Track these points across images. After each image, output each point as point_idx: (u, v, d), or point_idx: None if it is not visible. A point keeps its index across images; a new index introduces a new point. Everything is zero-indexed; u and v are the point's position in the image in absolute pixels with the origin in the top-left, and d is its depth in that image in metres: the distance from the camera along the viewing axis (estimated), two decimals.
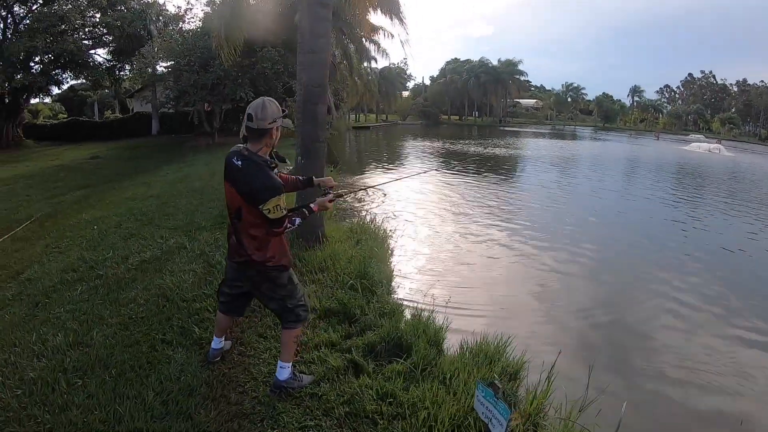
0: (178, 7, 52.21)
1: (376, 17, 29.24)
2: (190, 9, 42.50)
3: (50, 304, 5.66)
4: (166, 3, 59.15)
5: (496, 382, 2.99)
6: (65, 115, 52.64)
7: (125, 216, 10.17)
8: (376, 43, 36.63)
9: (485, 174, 21.16)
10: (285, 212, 3.28)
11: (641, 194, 17.37)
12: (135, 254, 7.20)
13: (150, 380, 3.80)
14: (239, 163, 3.28)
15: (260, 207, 3.18)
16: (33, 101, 42.34)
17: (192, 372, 3.90)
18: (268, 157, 3.36)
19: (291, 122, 15.08)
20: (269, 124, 3.26)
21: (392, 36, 32.98)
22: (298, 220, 3.47)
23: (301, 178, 3.94)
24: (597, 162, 29.28)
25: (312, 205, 3.62)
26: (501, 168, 24.11)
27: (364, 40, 34.03)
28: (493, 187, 17.35)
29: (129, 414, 3.39)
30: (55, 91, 40.64)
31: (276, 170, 3.48)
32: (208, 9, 29.05)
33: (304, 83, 7.07)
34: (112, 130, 37.15)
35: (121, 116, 44.10)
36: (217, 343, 4.14)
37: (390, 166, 24.23)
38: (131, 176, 17.89)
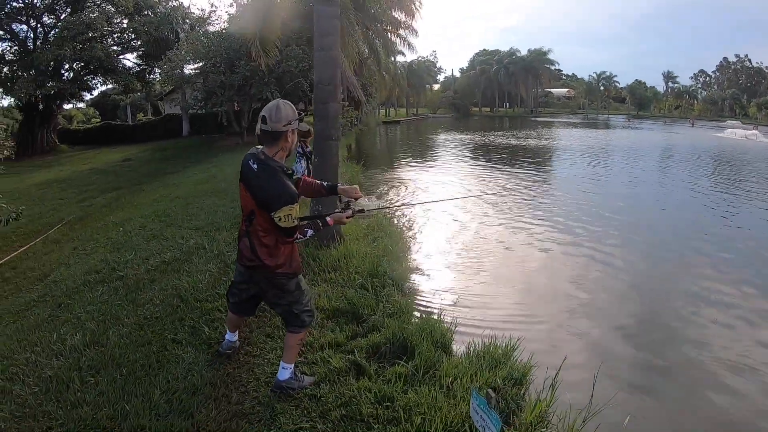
0: (202, 9, 53.17)
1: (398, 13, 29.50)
2: (214, 11, 43.11)
3: (72, 305, 5.86)
4: (191, 6, 60.17)
5: (489, 391, 2.94)
6: (98, 120, 54.07)
7: (150, 217, 10.41)
8: (402, 38, 36.65)
9: (517, 166, 20.98)
10: (296, 223, 3.22)
11: (674, 187, 16.63)
12: (155, 255, 7.35)
13: (158, 379, 3.90)
14: (255, 166, 3.26)
15: (272, 214, 3.16)
16: (66, 107, 43.60)
17: (198, 371, 3.98)
18: (283, 163, 3.33)
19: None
20: (284, 126, 3.22)
21: (416, 31, 33.00)
22: (310, 232, 3.43)
23: (325, 184, 3.88)
24: (631, 153, 28.37)
25: (328, 219, 3.55)
26: (533, 160, 23.78)
27: (389, 34, 34.07)
28: (523, 180, 17.10)
29: (135, 411, 3.48)
30: (87, 96, 41.82)
31: (302, 173, 3.49)
32: (231, 10, 29.41)
33: (316, 81, 7.13)
34: (144, 133, 38.00)
35: (152, 119, 45.06)
36: (231, 336, 4.22)
37: (420, 162, 24.03)
38: (160, 177, 18.32)
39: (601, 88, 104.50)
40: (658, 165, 23.41)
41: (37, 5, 30.66)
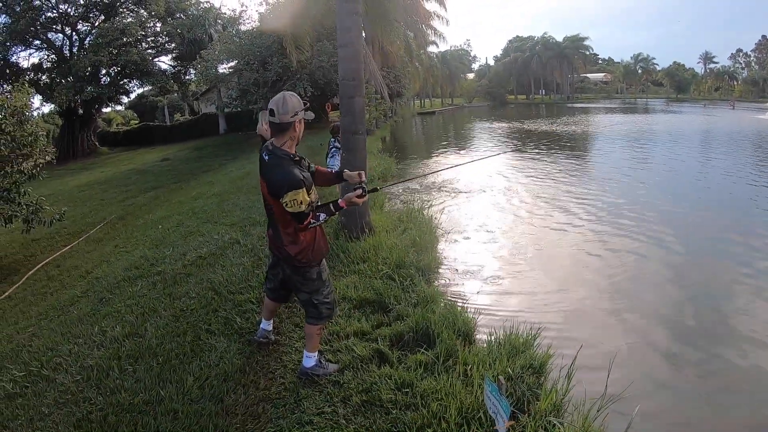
0: (233, 9, 53.94)
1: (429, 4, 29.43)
2: (245, 10, 43.79)
3: (113, 299, 6.17)
4: (222, 6, 60.97)
5: (501, 378, 2.99)
6: (137, 121, 55.51)
7: (187, 214, 10.74)
8: (433, 28, 36.53)
9: (553, 153, 20.87)
10: (303, 208, 3.32)
11: (713, 175, 15.75)
12: (192, 251, 7.61)
13: (191, 367, 4.12)
14: (267, 158, 3.43)
15: (280, 200, 3.30)
16: (105, 110, 44.89)
17: (229, 359, 4.17)
18: (292, 152, 3.46)
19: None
20: (291, 117, 3.34)
21: (447, 20, 32.85)
22: (323, 216, 3.55)
23: (334, 171, 4.01)
24: (670, 138, 27.26)
25: (339, 201, 3.65)
26: (569, 146, 23.60)
27: (421, 25, 33.96)
28: (558, 167, 16.86)
29: (169, 396, 3.71)
30: (125, 99, 42.99)
31: (306, 162, 3.62)
32: (261, 9, 29.82)
33: (340, 77, 7.25)
34: (182, 132, 39.08)
35: (189, 118, 46.07)
36: (266, 324, 4.38)
37: (455, 152, 23.92)
38: (197, 176, 18.79)
39: (639, 71, 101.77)
40: (698, 151, 22.50)
41: (71, 14, 31.69)
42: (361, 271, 6.16)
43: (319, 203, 3.67)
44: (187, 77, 38.20)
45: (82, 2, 31.45)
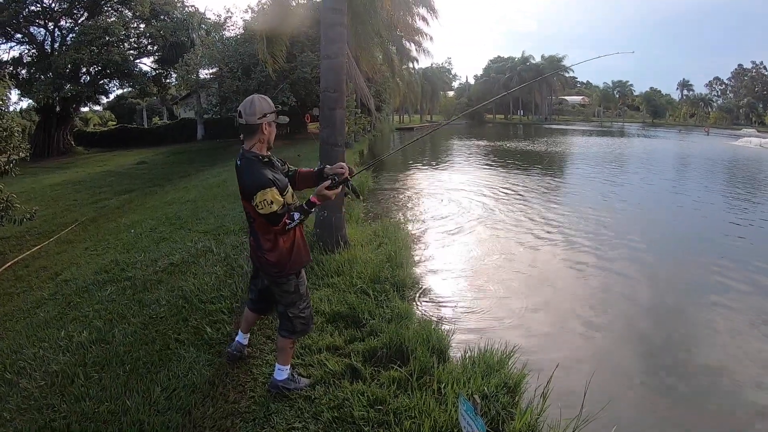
0: (218, 15, 53.75)
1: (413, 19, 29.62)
2: (230, 17, 43.67)
3: (81, 303, 6.02)
4: (207, 11, 60.64)
5: (475, 397, 2.98)
6: (115, 123, 54.76)
7: (161, 220, 10.56)
8: (418, 43, 36.80)
9: (528, 173, 21.08)
10: (275, 208, 3.25)
11: (685, 198, 16.40)
12: (164, 257, 7.48)
13: (159, 376, 4.03)
14: (239, 162, 3.42)
15: (252, 203, 3.25)
16: (83, 110, 44.19)
17: (198, 370, 4.10)
18: (263, 153, 3.42)
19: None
20: (258, 119, 3.32)
21: (431, 37, 33.08)
22: (297, 215, 3.42)
23: (314, 169, 3.84)
24: (644, 162, 28.13)
25: (311, 198, 3.48)
26: (545, 167, 23.92)
27: (404, 41, 34.15)
28: (533, 188, 17.02)
29: (135, 407, 3.61)
30: (104, 100, 42.38)
31: (286, 166, 3.58)
32: (247, 16, 29.75)
33: (322, 88, 7.24)
34: (160, 136, 38.66)
35: (167, 122, 45.62)
36: (242, 338, 4.30)
37: (433, 164, 24.17)
38: (173, 181, 18.52)
39: (616, 95, 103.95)
40: (671, 175, 23.10)
41: (55, 9, 31.19)
42: (335, 284, 6.12)
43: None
44: (167, 80, 37.87)
45: None
